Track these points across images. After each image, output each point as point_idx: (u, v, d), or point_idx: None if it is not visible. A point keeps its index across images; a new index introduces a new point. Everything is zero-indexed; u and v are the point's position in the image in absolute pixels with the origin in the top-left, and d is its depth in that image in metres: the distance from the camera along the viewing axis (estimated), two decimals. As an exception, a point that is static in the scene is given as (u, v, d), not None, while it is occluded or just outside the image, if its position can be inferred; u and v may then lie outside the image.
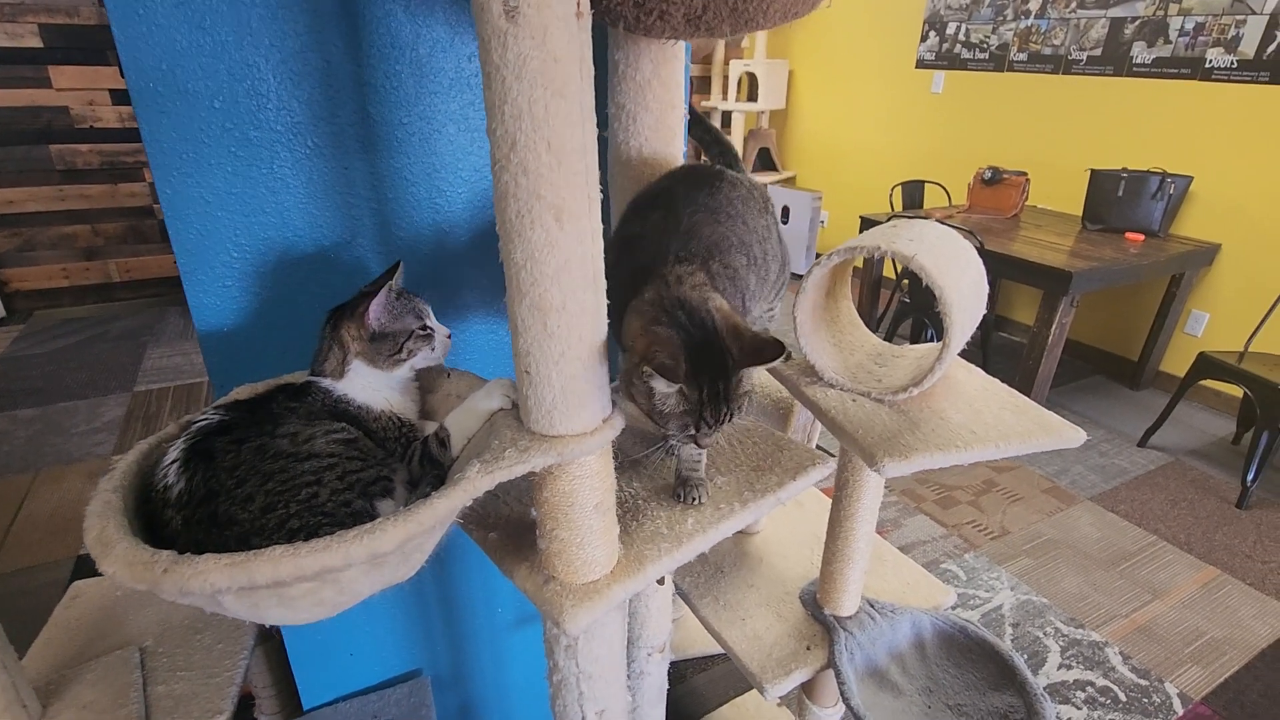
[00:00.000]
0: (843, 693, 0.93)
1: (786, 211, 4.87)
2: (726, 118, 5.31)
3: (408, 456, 0.74)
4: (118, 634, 1.03)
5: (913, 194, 3.90)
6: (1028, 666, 1.04)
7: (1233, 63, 2.94)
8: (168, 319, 4.09)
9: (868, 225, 3.43)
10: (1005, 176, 3.44)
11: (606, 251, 0.63)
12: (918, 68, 4.23)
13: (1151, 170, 3.10)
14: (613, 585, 0.71)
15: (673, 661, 1.53)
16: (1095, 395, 3.37)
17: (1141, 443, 2.92)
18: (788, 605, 1.09)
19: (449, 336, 0.82)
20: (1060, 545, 2.32)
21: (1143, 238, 3.11)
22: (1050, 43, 3.56)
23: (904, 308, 3.32)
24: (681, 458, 0.82)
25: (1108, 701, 1.73)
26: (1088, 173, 3.25)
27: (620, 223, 0.80)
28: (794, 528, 1.28)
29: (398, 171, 0.90)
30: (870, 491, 0.93)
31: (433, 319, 0.81)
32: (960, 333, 0.78)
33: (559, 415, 0.65)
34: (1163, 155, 3.18)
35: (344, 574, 0.57)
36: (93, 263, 4.12)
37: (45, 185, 3.86)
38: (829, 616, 1.03)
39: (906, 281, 3.38)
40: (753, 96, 5.12)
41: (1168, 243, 3.10)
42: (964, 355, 0.87)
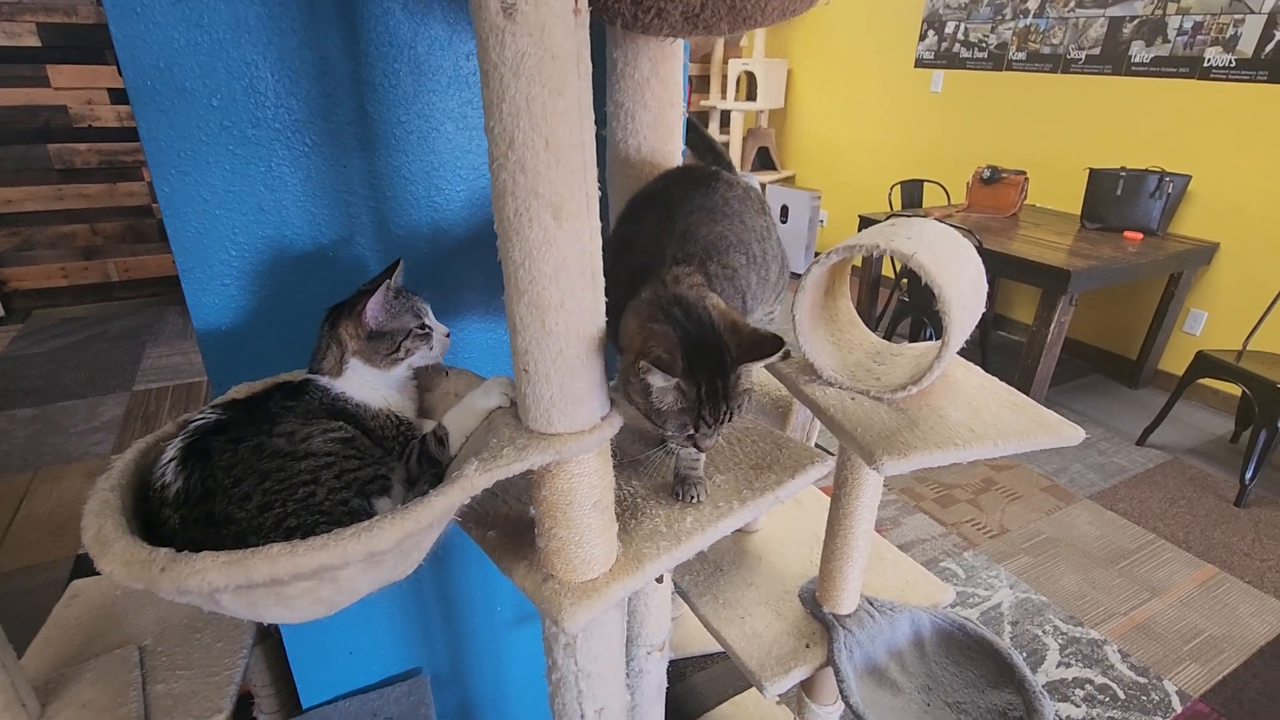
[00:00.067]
0: (842, 691, 0.94)
1: (786, 211, 4.87)
2: (725, 117, 5.31)
3: (405, 455, 0.74)
4: (117, 633, 1.03)
5: (912, 193, 3.90)
6: (1026, 664, 1.04)
7: (1231, 62, 2.94)
8: (166, 318, 4.09)
9: (867, 224, 3.43)
10: (1004, 175, 3.44)
11: (603, 253, 0.63)
12: (917, 67, 4.23)
13: (1150, 169, 3.10)
14: (611, 583, 0.71)
15: (672, 660, 1.53)
16: (1094, 394, 3.37)
17: (1140, 441, 2.92)
18: (787, 603, 1.10)
19: (448, 335, 0.82)
20: (1059, 543, 2.32)
21: (1141, 236, 3.11)
22: (1049, 42, 3.56)
23: (903, 306, 3.32)
24: (680, 456, 0.82)
25: (1106, 699, 1.74)
26: (1086, 172, 3.26)
27: (616, 224, 0.80)
28: (793, 526, 1.28)
29: (396, 169, 0.90)
30: (869, 490, 0.94)
31: (431, 318, 0.81)
32: (959, 331, 0.78)
33: (557, 413, 0.65)
34: (1161, 154, 3.19)
35: (342, 572, 0.57)
36: (91, 262, 4.11)
37: (44, 184, 3.85)
38: (828, 614, 1.03)
39: (905, 281, 3.38)
40: (751, 96, 5.12)
41: (1166, 241, 3.10)
42: (963, 354, 0.87)
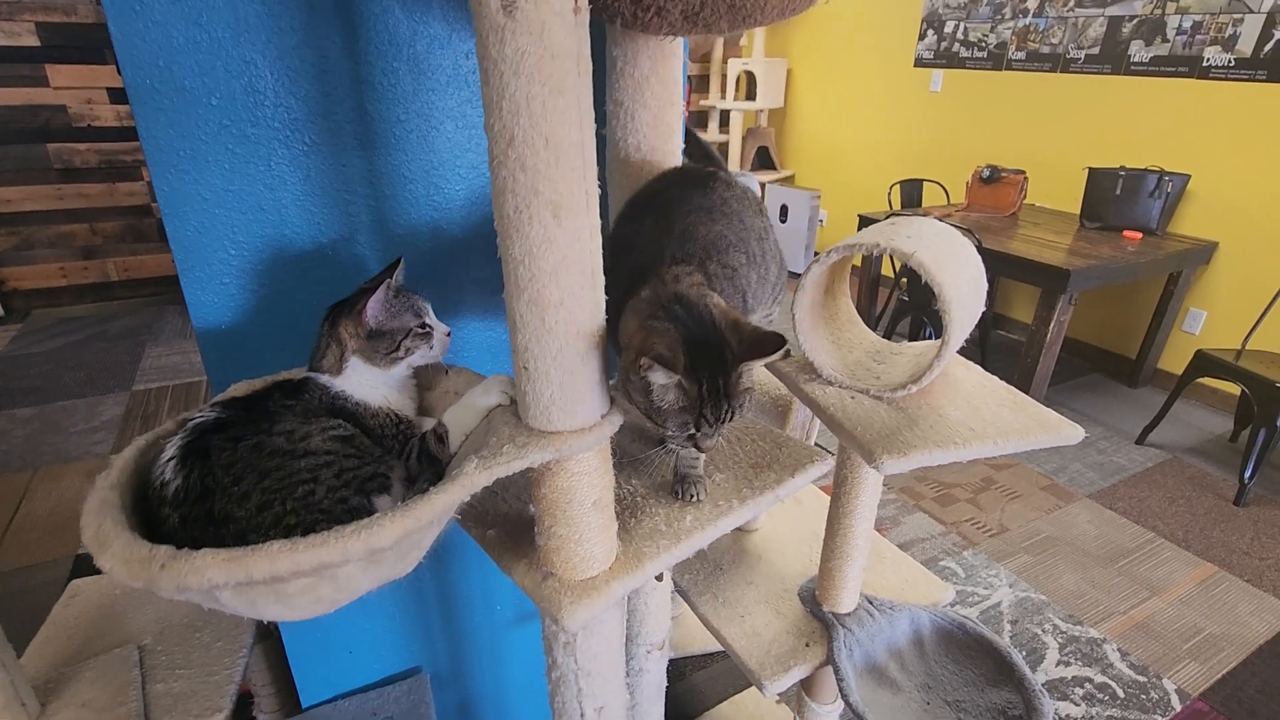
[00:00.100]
0: (841, 689, 0.94)
1: (785, 210, 4.87)
2: (725, 117, 5.31)
3: (405, 453, 0.74)
4: (116, 632, 1.03)
5: (911, 193, 3.90)
6: (1026, 663, 1.04)
7: (1230, 61, 2.95)
8: (166, 318, 4.09)
9: (866, 224, 3.43)
10: (1003, 175, 3.44)
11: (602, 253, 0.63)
12: (916, 66, 4.23)
13: (1149, 168, 3.11)
14: (611, 581, 0.71)
15: (672, 659, 1.53)
16: (1093, 393, 3.37)
17: (1139, 440, 2.92)
18: (786, 602, 1.10)
19: (448, 334, 0.82)
20: (1059, 542, 2.32)
21: (1140, 236, 3.11)
22: (1048, 41, 3.56)
23: (902, 306, 3.32)
24: (680, 455, 0.81)
25: (1106, 698, 1.74)
26: (1086, 171, 3.26)
27: (615, 225, 0.80)
28: (793, 525, 1.28)
29: (395, 168, 0.90)
30: (869, 489, 0.94)
31: (432, 317, 0.81)
32: (959, 329, 0.78)
33: (557, 411, 0.65)
34: (1160, 153, 3.19)
35: (341, 570, 0.57)
36: (91, 262, 4.11)
37: (43, 184, 3.85)
38: (828, 613, 1.03)
39: (905, 280, 3.38)
40: (751, 95, 5.12)
41: (1165, 241, 3.10)
42: (963, 353, 0.87)
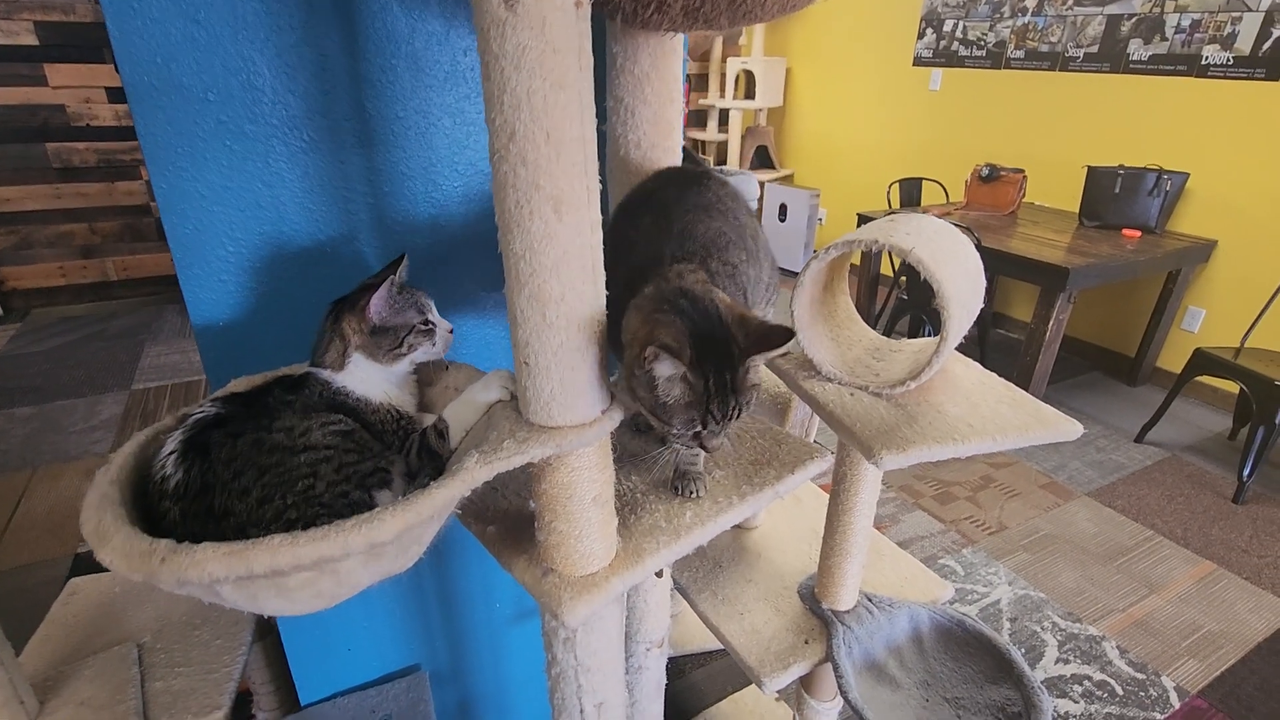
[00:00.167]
0: (841, 687, 0.94)
1: (784, 209, 4.87)
2: (724, 116, 5.31)
3: (405, 449, 0.74)
4: (115, 630, 1.03)
5: (910, 191, 3.90)
6: (1025, 660, 1.04)
7: (1229, 59, 2.95)
8: (165, 317, 4.08)
9: (865, 222, 3.43)
10: (1002, 174, 3.44)
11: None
12: (915, 65, 4.23)
13: (1148, 167, 3.11)
14: (611, 577, 0.71)
15: (671, 657, 1.54)
16: (1092, 391, 3.38)
17: (1138, 438, 2.93)
18: (786, 600, 1.10)
19: (451, 331, 0.82)
20: (1058, 540, 2.32)
21: (1139, 234, 3.11)
22: (1047, 40, 3.57)
23: (901, 304, 3.32)
24: (680, 452, 0.81)
25: (1105, 695, 1.74)
26: (1085, 169, 3.26)
27: (610, 227, 0.79)
28: (792, 523, 1.28)
29: (394, 165, 0.90)
30: (868, 486, 0.94)
31: (435, 313, 0.81)
32: (958, 326, 0.78)
33: (557, 406, 0.65)
34: (1159, 152, 3.19)
35: (342, 564, 0.57)
36: (90, 261, 4.11)
37: (42, 183, 3.85)
38: (827, 611, 1.03)
39: (904, 279, 3.38)
40: (750, 94, 5.12)
41: (1164, 239, 3.11)
42: (962, 352, 0.87)
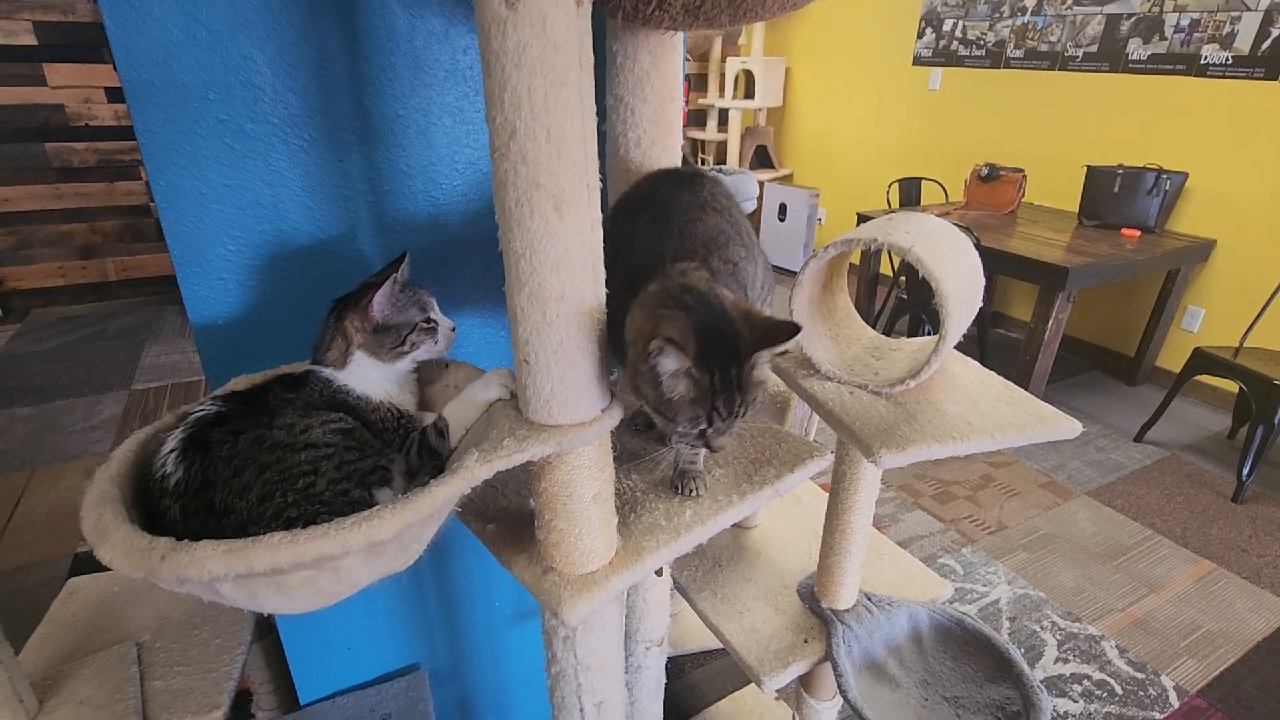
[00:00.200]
0: (840, 686, 0.94)
1: (784, 209, 4.87)
2: (724, 115, 5.31)
3: (406, 447, 0.74)
4: (115, 629, 1.03)
5: (910, 191, 3.90)
6: (1025, 659, 1.04)
7: (1228, 59, 2.95)
8: (165, 317, 4.08)
9: (865, 222, 3.43)
10: (1002, 173, 3.44)
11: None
12: (915, 65, 4.23)
13: (1147, 166, 3.11)
14: (611, 576, 0.71)
15: (671, 656, 1.54)
16: (1092, 391, 3.38)
17: (1138, 438, 2.93)
18: (785, 599, 1.10)
19: (453, 329, 0.82)
20: (1057, 540, 2.33)
21: (1139, 234, 3.12)
22: (1047, 39, 3.57)
23: (901, 304, 3.32)
24: (680, 450, 0.81)
25: (1104, 694, 1.74)
26: (1084, 169, 3.26)
27: (607, 229, 0.79)
28: (792, 522, 1.28)
29: (394, 164, 0.90)
30: (867, 485, 0.94)
31: (437, 312, 0.81)
32: (956, 324, 0.78)
33: (557, 404, 0.65)
34: (1158, 151, 3.19)
35: (342, 562, 0.57)
36: (90, 261, 4.11)
37: (41, 184, 3.85)
38: (826, 610, 1.03)
39: (904, 278, 3.38)
40: (750, 94, 5.12)
41: (1163, 239, 3.11)
42: (961, 351, 0.87)
